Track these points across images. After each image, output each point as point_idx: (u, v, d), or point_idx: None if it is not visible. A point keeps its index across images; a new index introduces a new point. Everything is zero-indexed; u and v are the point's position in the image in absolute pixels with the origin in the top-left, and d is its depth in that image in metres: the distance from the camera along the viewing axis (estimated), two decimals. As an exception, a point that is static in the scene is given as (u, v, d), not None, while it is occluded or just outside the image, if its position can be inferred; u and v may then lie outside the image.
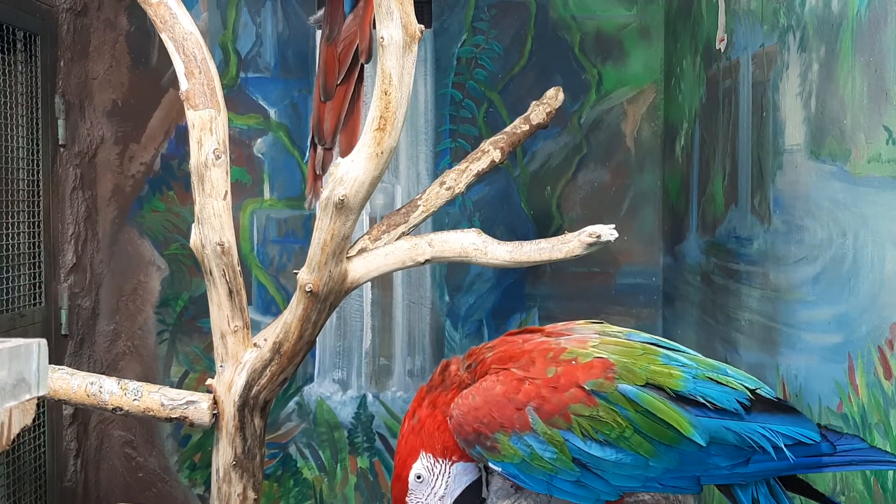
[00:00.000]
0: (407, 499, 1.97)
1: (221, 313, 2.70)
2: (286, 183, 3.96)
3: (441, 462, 1.96)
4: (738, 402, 1.82)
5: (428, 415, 1.99)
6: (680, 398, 1.81)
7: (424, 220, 3.01)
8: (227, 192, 2.66)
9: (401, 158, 3.94)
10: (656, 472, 1.80)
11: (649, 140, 3.95)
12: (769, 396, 1.86)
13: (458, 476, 1.97)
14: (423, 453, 1.96)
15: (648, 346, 1.91)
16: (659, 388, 1.81)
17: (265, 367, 2.69)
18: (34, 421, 1.35)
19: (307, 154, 3.36)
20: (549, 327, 2.06)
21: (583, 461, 1.81)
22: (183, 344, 3.96)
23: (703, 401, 1.80)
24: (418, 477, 1.96)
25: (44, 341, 1.32)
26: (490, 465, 1.88)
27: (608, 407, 1.81)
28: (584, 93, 3.93)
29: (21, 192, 3.41)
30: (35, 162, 3.50)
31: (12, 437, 1.27)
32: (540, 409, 1.84)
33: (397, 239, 2.90)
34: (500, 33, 3.94)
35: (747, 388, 1.85)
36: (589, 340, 1.91)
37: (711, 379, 1.85)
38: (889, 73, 1.82)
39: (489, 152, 3.12)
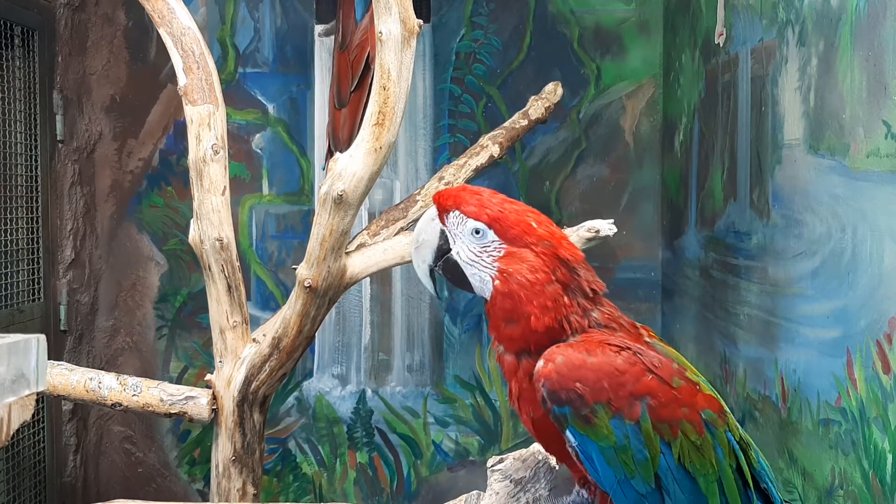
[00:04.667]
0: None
1: (220, 309, 2.70)
2: (285, 178, 3.96)
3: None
4: None
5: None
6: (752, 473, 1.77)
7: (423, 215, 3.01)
8: (225, 187, 2.66)
9: (399, 153, 3.94)
10: None
11: (648, 135, 3.95)
12: None
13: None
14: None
15: None
16: (745, 451, 1.76)
17: (264, 362, 2.69)
18: (33, 416, 1.35)
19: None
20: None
21: (663, 481, 1.68)
22: (182, 339, 3.96)
23: (764, 487, 1.77)
24: (476, 231, 1.76)
25: (43, 337, 1.32)
26: (568, 433, 1.67)
27: (711, 444, 1.70)
28: (583, 88, 3.93)
29: (19, 188, 3.41)
30: (33, 158, 3.50)
31: (11, 433, 1.27)
32: (653, 408, 1.66)
33: (396, 234, 2.90)
34: (498, 28, 3.94)
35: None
36: (687, 370, 1.80)
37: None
38: (888, 67, 1.82)
39: (488, 147, 3.12)
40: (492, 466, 2.24)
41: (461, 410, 3.97)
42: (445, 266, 1.80)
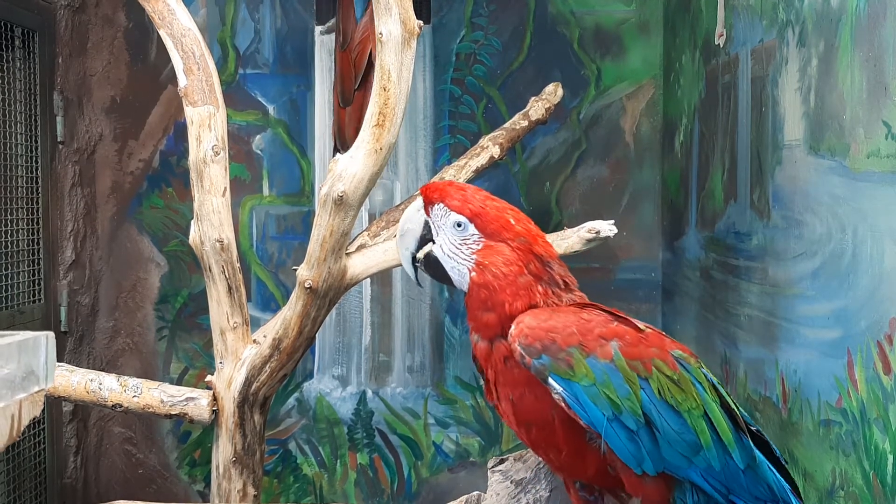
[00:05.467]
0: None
1: (221, 310, 2.70)
2: (285, 179, 3.96)
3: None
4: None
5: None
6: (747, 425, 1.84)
7: (424, 216, 3.01)
8: (226, 188, 2.66)
9: (400, 154, 3.94)
10: (702, 465, 1.77)
11: (648, 135, 3.95)
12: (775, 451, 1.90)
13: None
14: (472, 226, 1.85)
15: None
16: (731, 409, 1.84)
17: (265, 363, 2.69)
18: (38, 415, 1.35)
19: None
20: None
21: (649, 415, 1.75)
22: (182, 341, 3.96)
23: (759, 435, 1.85)
24: (458, 225, 1.87)
25: (51, 334, 1.33)
26: (551, 380, 1.75)
27: (688, 379, 1.79)
28: (583, 88, 3.93)
29: (20, 189, 3.41)
30: (34, 159, 3.50)
31: (23, 428, 1.28)
32: (624, 348, 1.77)
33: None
34: (498, 29, 3.94)
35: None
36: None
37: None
38: (888, 67, 1.82)
39: (488, 148, 3.12)
40: (492, 467, 2.24)
41: (462, 411, 3.97)
42: (427, 262, 1.90)
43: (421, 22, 2.45)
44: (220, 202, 2.64)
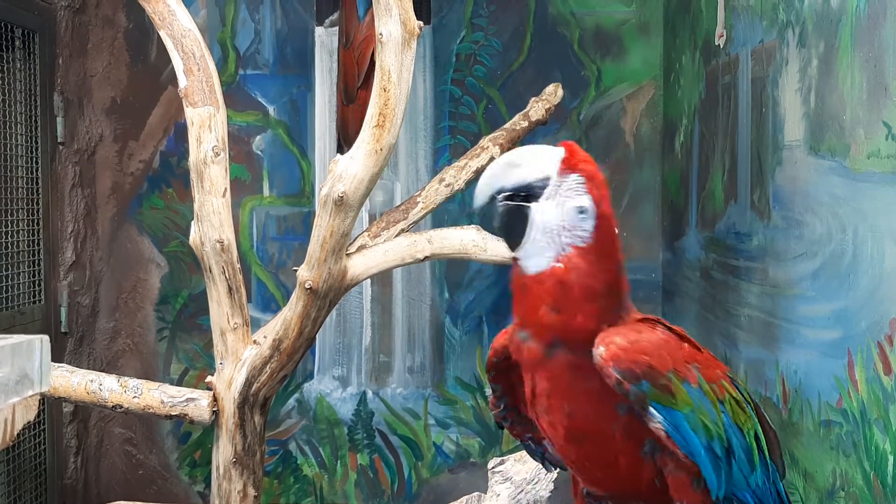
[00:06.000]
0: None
1: (221, 310, 2.70)
2: (285, 180, 3.96)
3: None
4: None
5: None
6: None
7: (424, 216, 3.01)
8: (226, 189, 2.66)
9: (400, 155, 3.94)
10: (753, 484, 1.70)
11: (649, 136, 3.95)
12: None
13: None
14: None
15: None
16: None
17: (265, 364, 2.69)
18: (35, 418, 1.35)
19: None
20: None
21: (730, 440, 1.66)
22: (183, 341, 3.96)
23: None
24: (582, 211, 1.63)
25: (46, 338, 1.33)
26: (652, 409, 1.60)
27: (743, 400, 1.72)
28: (583, 89, 3.93)
29: (20, 189, 3.41)
30: (34, 160, 3.50)
31: (16, 433, 1.27)
32: (702, 370, 1.66)
33: (397, 236, 2.90)
34: (499, 29, 3.94)
35: None
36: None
37: None
38: (888, 68, 1.82)
39: (488, 149, 3.12)
40: (492, 468, 2.24)
41: (462, 412, 3.97)
42: (509, 210, 1.62)
43: (421, 22, 2.45)
44: (221, 203, 2.64)
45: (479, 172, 3.11)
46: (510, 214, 1.63)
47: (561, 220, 1.62)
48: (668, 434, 1.61)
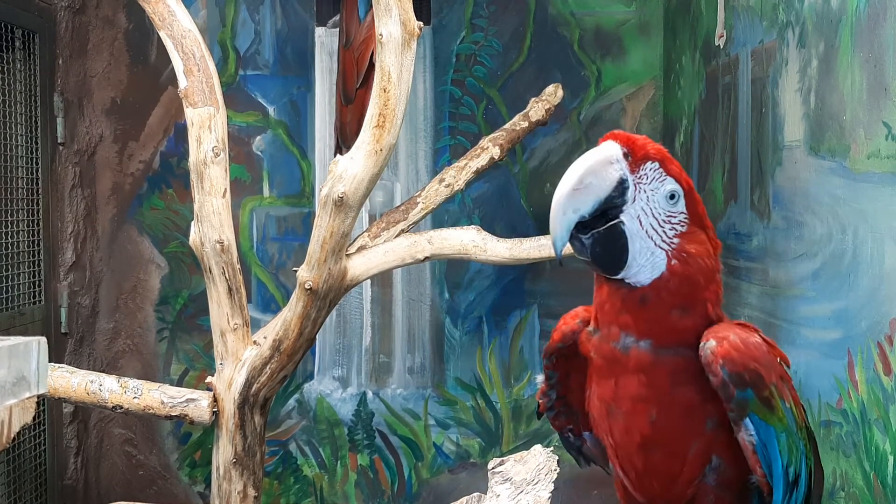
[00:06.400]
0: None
1: (221, 311, 2.70)
2: (285, 180, 3.96)
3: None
4: None
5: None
6: None
7: (424, 217, 3.02)
8: (226, 189, 2.66)
9: (400, 156, 3.94)
10: None
11: (649, 136, 3.92)
12: None
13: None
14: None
15: None
16: None
17: (265, 364, 2.69)
18: (34, 419, 1.35)
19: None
20: None
21: (801, 469, 1.56)
22: (183, 342, 3.96)
23: None
24: (672, 196, 1.50)
25: (43, 339, 1.32)
26: (748, 421, 1.49)
27: (808, 424, 1.64)
28: (583, 89, 3.93)
29: (20, 190, 3.41)
30: (34, 160, 3.50)
31: (12, 435, 1.27)
32: (791, 391, 1.56)
33: (397, 236, 2.90)
34: (499, 30, 3.94)
35: None
36: None
37: None
38: (888, 68, 1.82)
39: (488, 149, 3.12)
40: (493, 468, 2.24)
41: (462, 412, 3.97)
42: (605, 235, 1.46)
43: (421, 23, 2.45)
44: (221, 203, 2.64)
45: (479, 173, 3.11)
46: (602, 241, 1.49)
47: (657, 214, 1.50)
48: (755, 450, 1.51)
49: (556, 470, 2.17)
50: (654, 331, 1.50)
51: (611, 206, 1.48)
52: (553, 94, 3.35)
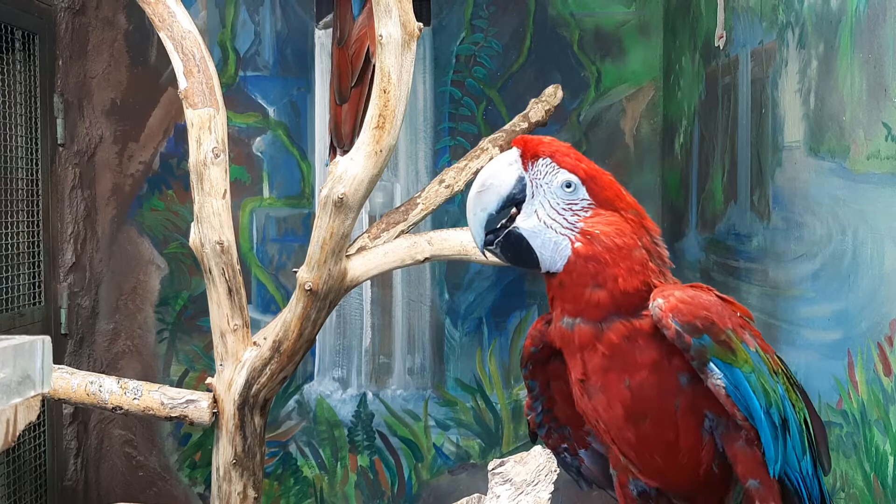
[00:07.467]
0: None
1: (221, 312, 2.70)
2: (285, 181, 3.96)
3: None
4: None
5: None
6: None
7: (424, 218, 3.01)
8: (226, 190, 2.66)
9: (400, 156, 3.94)
10: (804, 469, 1.63)
11: (649, 137, 3.95)
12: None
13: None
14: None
15: None
16: None
17: (265, 365, 2.69)
18: (35, 419, 1.35)
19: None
20: None
21: (786, 412, 1.59)
22: (183, 343, 3.96)
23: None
24: (568, 185, 1.64)
25: (47, 338, 1.33)
26: (712, 365, 1.55)
27: (794, 378, 1.68)
28: (583, 90, 3.93)
29: (20, 191, 3.41)
30: (34, 161, 3.50)
31: (18, 434, 1.28)
32: (756, 339, 1.61)
33: (397, 237, 2.90)
34: (499, 31, 3.94)
35: None
36: None
37: None
38: (888, 69, 1.82)
39: (488, 150, 3.12)
40: (493, 469, 2.24)
41: (462, 413, 3.97)
42: (508, 237, 1.62)
43: (421, 24, 2.45)
44: (221, 204, 2.64)
45: (478, 173, 3.11)
46: (507, 247, 1.64)
47: (553, 205, 1.62)
48: (727, 393, 1.56)
49: (556, 471, 2.17)
50: (578, 308, 1.60)
51: (517, 202, 1.63)
52: (553, 94, 3.35)
